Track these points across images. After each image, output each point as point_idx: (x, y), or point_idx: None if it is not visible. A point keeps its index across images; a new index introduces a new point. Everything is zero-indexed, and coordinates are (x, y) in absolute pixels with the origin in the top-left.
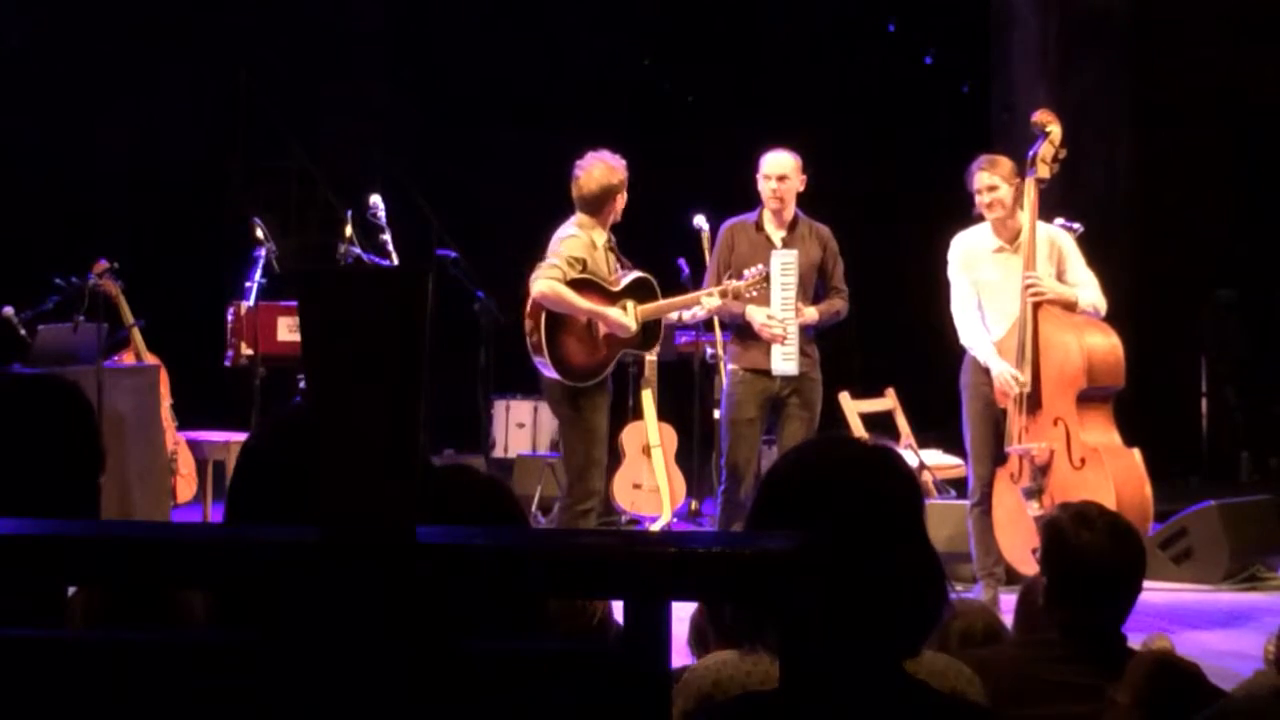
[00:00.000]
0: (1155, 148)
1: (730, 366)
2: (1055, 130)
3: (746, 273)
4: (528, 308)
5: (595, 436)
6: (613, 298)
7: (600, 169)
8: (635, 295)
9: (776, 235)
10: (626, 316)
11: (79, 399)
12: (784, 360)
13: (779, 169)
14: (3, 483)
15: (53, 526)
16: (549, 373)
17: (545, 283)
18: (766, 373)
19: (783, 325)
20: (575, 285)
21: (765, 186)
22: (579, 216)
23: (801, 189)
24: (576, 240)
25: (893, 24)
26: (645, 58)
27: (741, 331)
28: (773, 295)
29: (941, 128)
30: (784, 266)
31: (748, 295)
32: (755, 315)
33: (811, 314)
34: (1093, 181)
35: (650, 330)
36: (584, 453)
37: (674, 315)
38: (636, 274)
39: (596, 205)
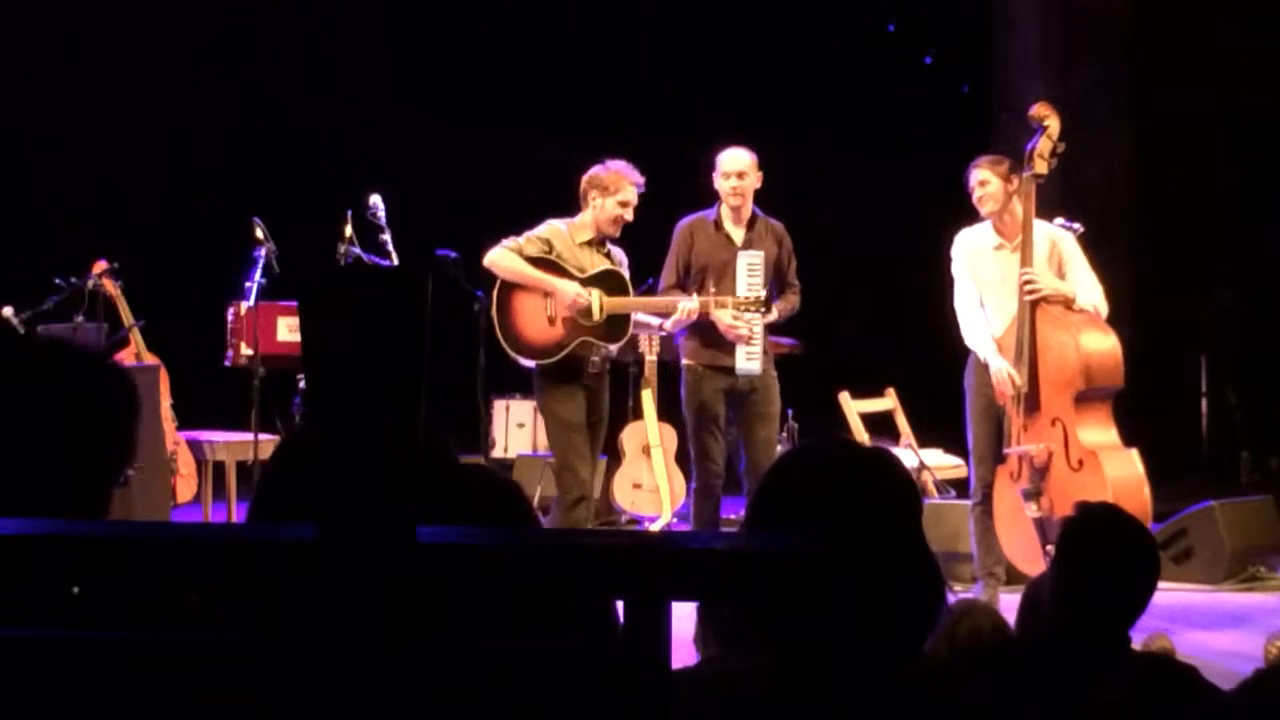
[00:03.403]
0: (1155, 148)
1: (686, 362)
2: (1053, 124)
3: (740, 292)
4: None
5: (564, 425)
6: (578, 284)
7: (598, 168)
8: (603, 286)
9: (736, 233)
10: (585, 295)
11: (117, 381)
12: (748, 360)
13: (737, 165)
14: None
15: (53, 526)
16: (505, 346)
17: (494, 250)
18: (728, 369)
19: (748, 325)
20: (537, 263)
21: (725, 184)
22: (578, 214)
23: (758, 185)
24: (552, 227)
25: (893, 24)
26: (645, 58)
27: (700, 328)
28: (739, 295)
29: (941, 128)
30: (750, 267)
31: (736, 313)
32: (721, 316)
33: (773, 314)
34: (1093, 181)
35: (616, 324)
36: (559, 443)
37: (654, 322)
38: (607, 267)
39: (582, 197)
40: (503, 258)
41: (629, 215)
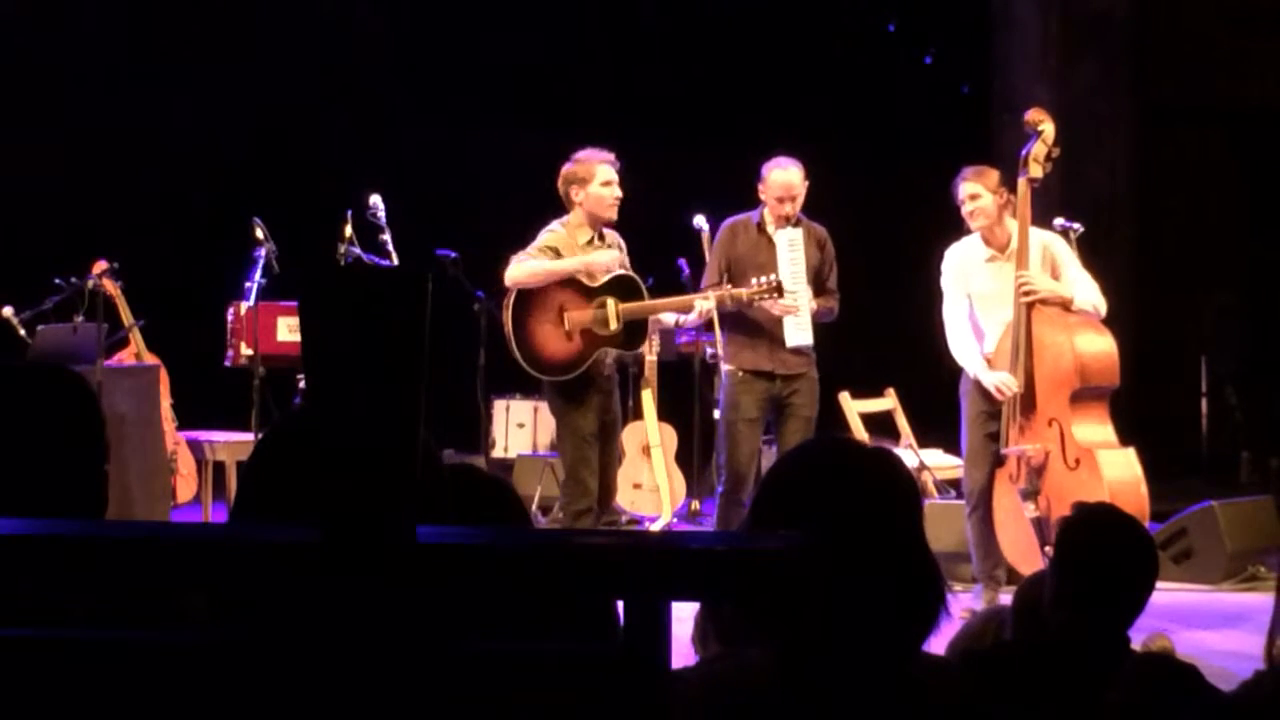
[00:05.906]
0: (1155, 148)
1: (727, 367)
2: (1048, 129)
3: (754, 281)
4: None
5: (578, 436)
6: (590, 294)
7: (567, 165)
8: (616, 293)
9: (778, 236)
10: (619, 256)
11: (78, 385)
12: (798, 330)
13: (791, 189)
14: (5, 475)
15: (53, 526)
16: (524, 366)
17: (511, 267)
18: (768, 374)
19: (793, 297)
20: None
21: (780, 208)
22: (568, 214)
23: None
24: (553, 234)
25: (893, 24)
26: (645, 58)
27: (740, 330)
28: (781, 271)
29: (942, 128)
30: (791, 243)
31: (755, 302)
32: (765, 306)
33: (812, 303)
34: (1093, 181)
35: (634, 330)
36: (569, 451)
37: (670, 319)
38: (618, 272)
39: (565, 198)
40: (525, 265)
41: (618, 192)
